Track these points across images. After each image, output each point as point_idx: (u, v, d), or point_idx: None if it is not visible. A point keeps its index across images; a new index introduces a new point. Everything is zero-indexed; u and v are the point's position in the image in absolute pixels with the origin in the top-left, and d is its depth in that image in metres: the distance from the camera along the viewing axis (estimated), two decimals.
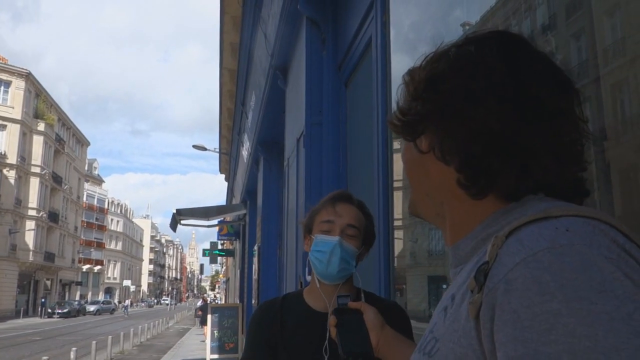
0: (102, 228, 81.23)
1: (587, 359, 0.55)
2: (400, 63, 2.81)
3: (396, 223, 2.87)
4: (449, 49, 0.83)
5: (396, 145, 2.83)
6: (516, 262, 0.63)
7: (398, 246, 2.91)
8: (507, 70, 0.76)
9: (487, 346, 0.65)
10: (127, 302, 65.99)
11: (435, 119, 0.80)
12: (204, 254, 29.66)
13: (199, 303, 34.06)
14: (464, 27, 2.13)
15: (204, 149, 24.27)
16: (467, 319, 0.68)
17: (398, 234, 2.91)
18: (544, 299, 0.59)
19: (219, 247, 28.76)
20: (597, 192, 1.31)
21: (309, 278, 1.90)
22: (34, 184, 50.12)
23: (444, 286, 2.63)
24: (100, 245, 79.85)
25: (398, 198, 2.84)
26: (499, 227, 0.73)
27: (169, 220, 13.82)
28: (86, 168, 74.21)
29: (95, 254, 77.58)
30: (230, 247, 28.02)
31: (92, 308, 58.47)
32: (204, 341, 18.10)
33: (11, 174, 46.28)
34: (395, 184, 2.84)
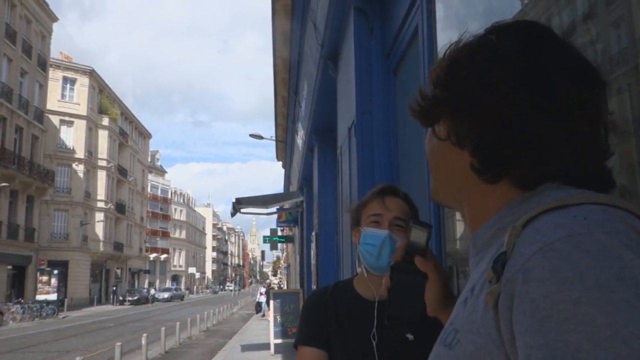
0: (166, 217, 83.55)
1: (608, 347, 0.55)
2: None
3: (447, 210, 2.88)
4: (472, 39, 0.83)
5: None
6: (534, 251, 0.63)
7: (452, 231, 2.92)
8: (525, 58, 0.75)
9: (506, 336, 0.64)
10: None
11: (452, 104, 0.80)
12: (264, 241, 30.13)
13: (262, 289, 34.16)
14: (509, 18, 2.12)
15: (261, 137, 24.56)
16: (485, 310, 0.68)
17: (448, 225, 2.91)
18: (562, 288, 0.58)
19: (279, 233, 29.17)
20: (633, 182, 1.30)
21: (359, 270, 1.93)
22: (101, 176, 51.99)
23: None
24: (165, 234, 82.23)
25: None
26: (516, 217, 0.72)
27: (230, 208, 14.08)
28: (149, 159, 76.38)
29: (161, 243, 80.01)
30: (290, 234, 28.37)
31: (166, 295, 61.29)
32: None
33: (80, 168, 48.14)
34: None
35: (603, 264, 0.58)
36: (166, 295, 61.35)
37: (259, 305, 32.69)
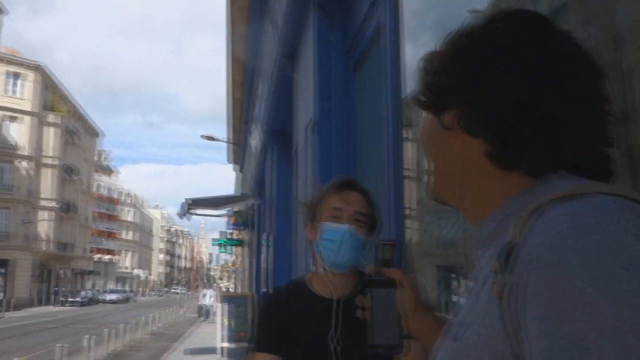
0: (113, 218, 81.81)
1: (613, 336, 0.54)
2: (411, 47, 2.76)
3: (407, 212, 2.83)
4: (473, 26, 0.82)
5: (406, 133, 2.79)
6: (540, 241, 0.62)
7: (408, 235, 2.87)
8: (538, 43, 0.75)
9: (512, 326, 0.64)
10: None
11: (464, 90, 0.78)
12: (213, 243, 29.83)
13: (206, 291, 33.85)
14: (473, 13, 2.08)
15: (213, 139, 24.29)
16: (490, 300, 0.68)
17: (408, 223, 2.87)
18: (568, 278, 0.58)
19: (229, 236, 28.88)
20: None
21: (313, 268, 1.87)
22: (47, 175, 50.55)
23: (453, 275, 2.60)
24: (112, 235, 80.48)
25: (409, 187, 2.80)
26: (523, 207, 0.71)
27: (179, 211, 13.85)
28: (98, 159, 74.69)
29: (107, 244, 78.27)
30: (240, 237, 28.14)
31: (113, 297, 59.73)
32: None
33: (23, 165, 46.68)
34: (406, 173, 2.80)
35: (609, 253, 0.58)
36: (114, 297, 59.86)
37: (201, 309, 32.38)
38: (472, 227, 0.85)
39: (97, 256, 73.22)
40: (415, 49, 2.71)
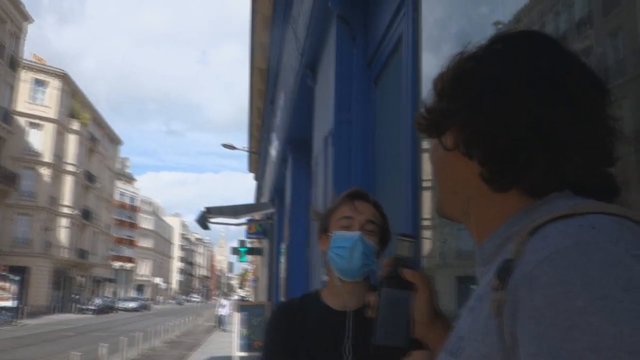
0: (133, 226, 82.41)
1: (612, 357, 0.54)
2: (431, 61, 2.77)
3: (425, 223, 2.83)
4: (477, 49, 0.83)
5: (425, 145, 2.79)
6: (540, 259, 0.63)
7: (426, 246, 2.87)
8: (536, 65, 0.75)
9: (510, 343, 0.64)
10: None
11: (462, 114, 0.79)
12: (232, 252, 29.85)
13: (224, 301, 33.74)
14: (496, 25, 2.09)
15: (233, 147, 24.42)
16: (490, 317, 0.68)
17: (426, 234, 2.86)
18: (568, 297, 0.58)
19: (248, 245, 28.91)
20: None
21: (325, 278, 1.87)
22: (68, 182, 51.09)
23: (472, 287, 2.58)
24: (131, 243, 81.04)
25: (427, 198, 2.80)
26: (524, 225, 0.72)
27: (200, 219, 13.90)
28: (119, 166, 75.40)
29: (126, 252, 78.79)
30: (259, 246, 28.15)
31: (133, 304, 60.19)
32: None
33: (46, 172, 47.25)
34: (424, 184, 2.80)
35: (609, 274, 0.58)
36: (134, 304, 60.30)
37: (219, 319, 32.29)
38: (475, 246, 0.85)
39: (117, 264, 73.74)
40: (436, 60, 2.72)
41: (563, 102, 0.73)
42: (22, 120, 45.19)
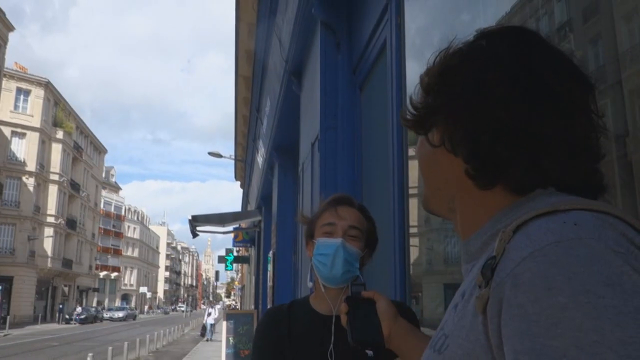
0: (119, 235, 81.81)
1: (594, 352, 0.55)
2: (415, 65, 2.77)
3: (411, 230, 2.83)
4: (462, 45, 0.83)
5: (412, 151, 2.79)
6: (523, 256, 0.63)
7: (413, 253, 2.86)
8: (519, 61, 0.75)
9: (494, 341, 0.64)
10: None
11: (446, 110, 0.80)
12: (219, 261, 29.70)
13: (211, 310, 32.70)
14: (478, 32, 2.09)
15: (220, 155, 24.36)
16: (474, 314, 0.69)
17: (413, 241, 2.86)
18: (550, 293, 0.59)
19: (235, 253, 28.80)
20: (620, 195, 1.27)
21: (310, 284, 1.88)
22: (53, 191, 50.65)
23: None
24: (117, 252, 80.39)
25: (414, 205, 2.80)
26: (508, 222, 0.72)
27: (186, 227, 13.89)
28: (103, 175, 74.91)
29: (112, 261, 78.15)
30: (246, 254, 28.06)
31: (120, 314, 59.53)
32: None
33: (30, 182, 46.82)
34: (411, 191, 2.80)
35: (591, 270, 0.59)
36: (121, 314, 59.63)
37: (204, 328, 31.36)
38: (460, 242, 0.86)
39: (102, 273, 73.11)
40: (420, 66, 2.73)
41: (544, 99, 0.73)
42: (5, 130, 44.80)
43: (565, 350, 0.56)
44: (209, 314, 31.53)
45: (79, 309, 51.87)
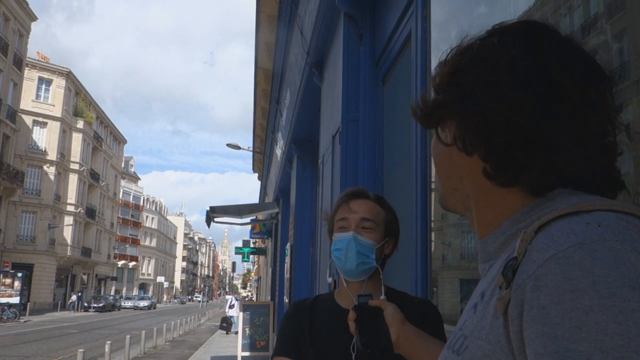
0: (137, 225, 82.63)
1: (620, 357, 0.54)
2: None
3: (432, 225, 2.80)
4: (473, 42, 0.81)
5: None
6: (546, 257, 0.62)
7: (433, 248, 2.84)
8: (530, 60, 0.74)
9: (516, 343, 0.63)
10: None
11: (457, 110, 0.79)
12: (236, 252, 29.84)
13: (233, 300, 30.64)
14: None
15: (238, 147, 24.43)
16: (495, 316, 0.68)
17: (434, 235, 2.84)
18: (574, 296, 0.57)
19: (251, 245, 28.92)
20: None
21: (330, 280, 1.96)
22: (73, 180, 51.25)
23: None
24: (135, 242, 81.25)
25: (435, 199, 2.77)
26: (529, 222, 0.71)
27: (203, 218, 13.91)
28: (123, 165, 75.61)
29: (130, 250, 79.03)
30: (262, 246, 28.17)
31: (145, 303, 60.54)
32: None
33: (51, 170, 47.40)
34: (433, 185, 2.77)
35: (616, 272, 0.57)
36: (145, 303, 60.53)
37: (225, 321, 27.01)
38: (477, 241, 0.84)
39: (120, 262, 73.90)
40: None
41: (558, 101, 0.71)
42: (27, 119, 45.35)
43: (590, 354, 0.55)
44: (232, 307, 27.19)
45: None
